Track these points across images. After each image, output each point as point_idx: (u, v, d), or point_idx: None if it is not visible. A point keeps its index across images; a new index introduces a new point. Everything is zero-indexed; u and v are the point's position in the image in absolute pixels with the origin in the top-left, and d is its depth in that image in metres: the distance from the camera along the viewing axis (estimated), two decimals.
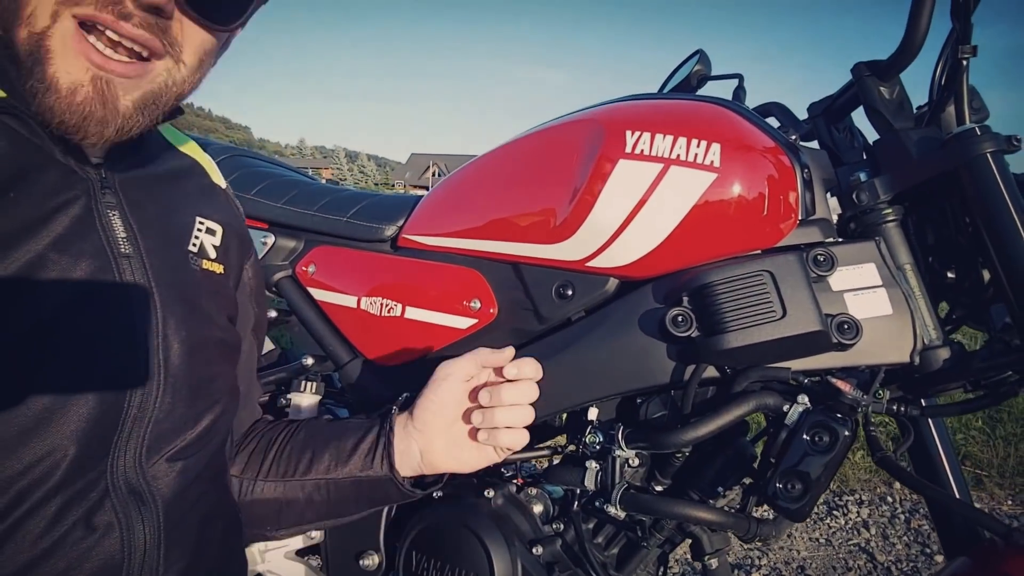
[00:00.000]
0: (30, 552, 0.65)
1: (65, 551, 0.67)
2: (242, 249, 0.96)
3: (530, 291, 1.11)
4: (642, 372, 1.01)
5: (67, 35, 0.64)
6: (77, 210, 0.72)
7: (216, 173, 0.98)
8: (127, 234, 0.75)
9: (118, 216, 0.75)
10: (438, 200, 1.27)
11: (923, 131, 1.02)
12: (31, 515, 0.66)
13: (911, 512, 2.97)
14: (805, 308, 0.93)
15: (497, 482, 1.18)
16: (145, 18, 0.66)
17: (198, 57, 0.74)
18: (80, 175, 0.73)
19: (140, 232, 0.77)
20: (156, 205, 0.81)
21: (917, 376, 0.98)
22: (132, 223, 0.76)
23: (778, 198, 1.00)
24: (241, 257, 0.96)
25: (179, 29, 0.70)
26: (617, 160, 1.02)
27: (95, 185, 0.74)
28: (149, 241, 0.77)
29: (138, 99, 0.70)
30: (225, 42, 0.79)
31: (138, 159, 0.83)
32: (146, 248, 0.77)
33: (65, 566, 0.67)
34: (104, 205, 0.74)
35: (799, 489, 0.90)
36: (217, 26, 0.73)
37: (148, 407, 0.73)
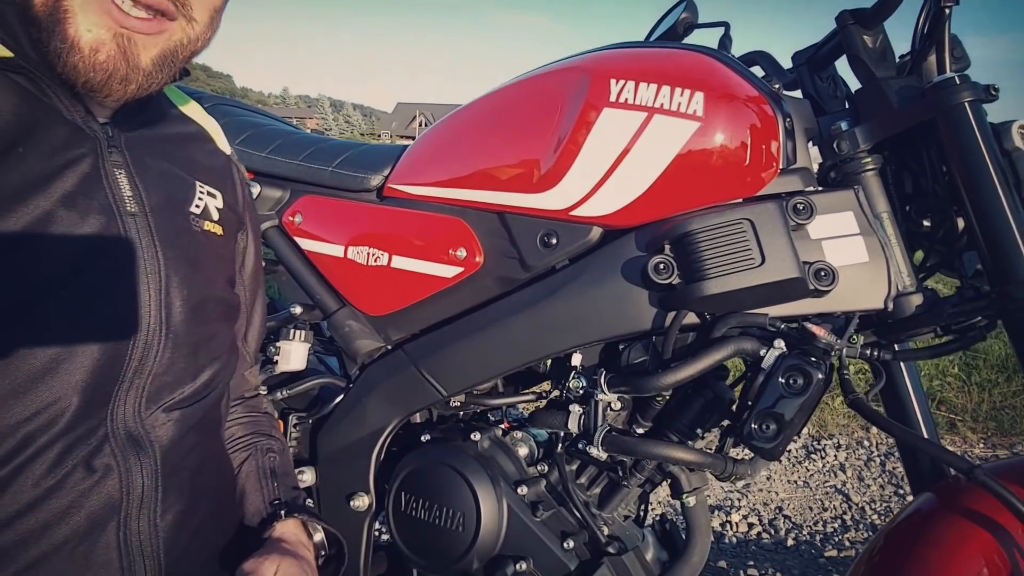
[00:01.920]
0: (34, 491, 0.68)
1: (66, 491, 0.70)
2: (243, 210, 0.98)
3: (515, 240, 1.13)
4: (624, 319, 1.04)
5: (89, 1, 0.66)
6: (85, 167, 0.73)
7: (221, 139, 0.99)
8: (132, 193, 0.76)
9: (124, 175, 0.76)
10: (424, 150, 1.27)
11: (904, 80, 1.03)
12: (35, 458, 0.68)
13: (886, 456, 3.06)
14: (783, 256, 0.95)
15: (483, 426, 1.22)
16: None
17: (208, 14, 0.76)
18: (87, 133, 0.74)
19: (145, 191, 0.78)
20: (161, 166, 0.82)
21: (890, 321, 1.01)
22: (138, 182, 0.78)
23: (760, 147, 1.01)
24: (239, 226, 0.97)
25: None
26: (601, 109, 1.03)
27: (102, 144, 0.75)
28: (154, 200, 0.79)
29: (157, 56, 0.72)
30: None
31: (144, 120, 0.83)
32: (151, 207, 0.78)
33: (67, 504, 0.70)
34: (111, 164, 0.75)
35: (773, 429, 0.93)
36: None
37: (149, 360, 0.76)
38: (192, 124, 0.95)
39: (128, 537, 0.74)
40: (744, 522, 2.52)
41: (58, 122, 0.72)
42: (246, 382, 1.05)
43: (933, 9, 1.00)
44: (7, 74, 0.70)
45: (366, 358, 1.27)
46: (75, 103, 0.74)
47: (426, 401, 1.19)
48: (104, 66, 0.68)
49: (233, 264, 0.93)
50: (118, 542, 0.73)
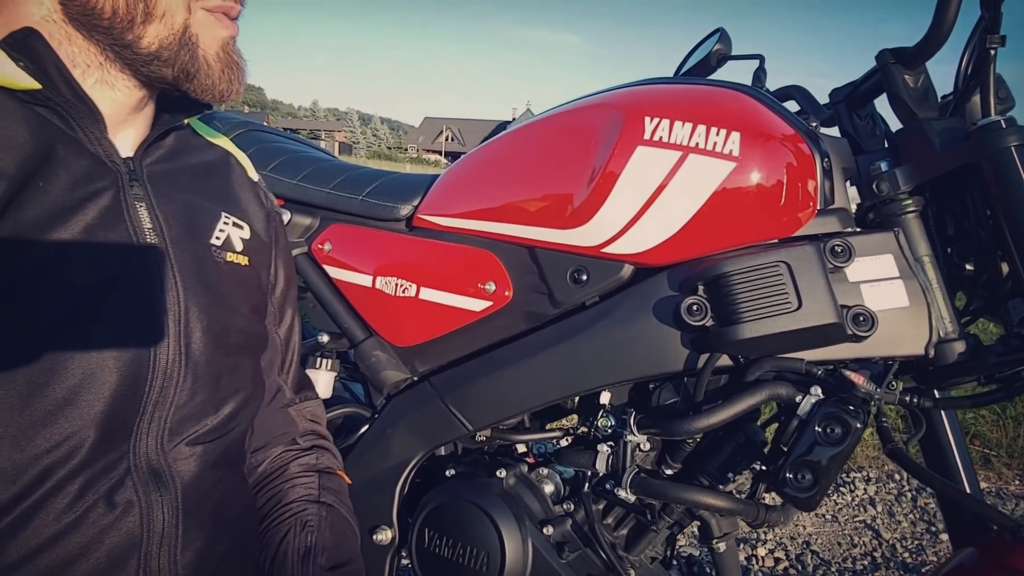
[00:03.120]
0: (55, 526, 0.68)
1: (87, 527, 0.70)
2: (270, 240, 0.97)
3: (545, 275, 1.12)
4: (655, 359, 1.02)
5: (206, 21, 0.75)
6: (106, 200, 0.73)
7: (250, 167, 0.99)
8: (152, 225, 0.77)
9: (145, 208, 0.77)
10: (454, 181, 1.27)
11: (947, 121, 1.00)
12: (56, 492, 0.68)
13: (918, 490, 2.99)
14: (821, 300, 0.92)
15: (509, 462, 1.20)
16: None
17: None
18: (109, 167, 0.75)
19: (165, 223, 0.78)
20: (183, 198, 0.83)
21: (931, 368, 0.98)
22: (158, 214, 0.78)
23: (796, 187, 0.99)
24: (269, 254, 0.96)
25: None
26: (635, 146, 1.01)
27: (123, 177, 0.76)
28: (174, 232, 0.79)
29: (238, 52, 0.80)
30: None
31: (167, 152, 0.84)
32: (171, 238, 0.78)
33: (87, 541, 0.70)
34: (132, 196, 0.76)
35: (809, 480, 0.91)
36: None
37: (169, 391, 0.75)
38: (218, 151, 0.95)
39: (148, 574, 0.74)
40: (770, 556, 2.46)
41: (80, 155, 0.73)
42: (292, 423, 1.01)
43: (978, 50, 0.98)
44: (32, 107, 0.70)
45: (392, 389, 1.26)
46: (99, 136, 0.74)
47: (452, 435, 1.18)
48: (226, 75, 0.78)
49: (262, 294, 0.93)
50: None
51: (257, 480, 0.97)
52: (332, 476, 1.01)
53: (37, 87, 0.69)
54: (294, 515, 0.95)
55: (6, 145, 0.67)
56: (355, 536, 1.00)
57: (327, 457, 1.02)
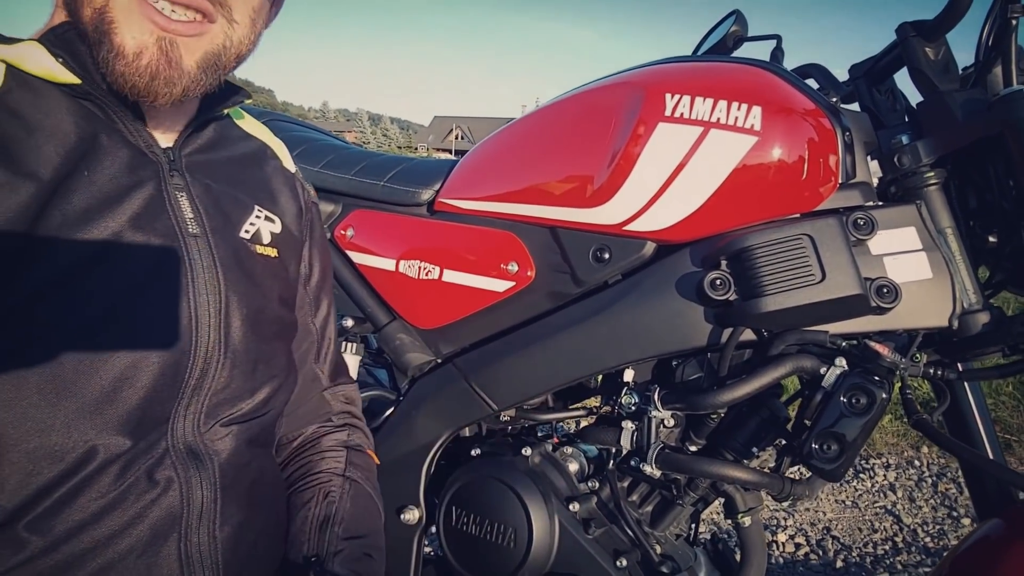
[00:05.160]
0: (99, 502, 0.70)
1: (130, 503, 0.71)
2: (302, 234, 0.97)
3: (567, 254, 1.12)
4: (679, 335, 1.03)
5: (130, 5, 0.68)
6: (149, 190, 0.75)
7: (287, 158, 1.00)
8: (194, 215, 0.78)
9: (185, 197, 0.78)
10: (474, 164, 1.28)
11: (968, 93, 1.00)
12: (101, 471, 0.70)
13: (938, 476, 2.98)
14: (844, 272, 0.93)
15: (534, 441, 1.21)
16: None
17: (249, 16, 0.77)
18: (150, 157, 0.77)
19: (206, 213, 0.80)
20: (221, 188, 0.84)
21: (955, 340, 0.98)
22: (198, 204, 0.79)
23: (818, 161, 1.00)
24: (300, 247, 0.97)
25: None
26: (656, 123, 1.02)
27: (164, 168, 0.77)
28: (214, 222, 0.80)
29: (200, 59, 0.73)
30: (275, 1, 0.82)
31: (206, 144, 0.85)
32: (211, 228, 0.80)
33: (131, 516, 0.71)
34: (172, 187, 0.77)
35: (835, 450, 0.91)
36: None
37: (208, 378, 0.77)
38: (256, 142, 0.96)
39: (188, 549, 0.75)
40: (791, 542, 2.46)
41: (123, 146, 0.74)
42: (327, 405, 1.02)
43: (999, 20, 0.98)
44: (76, 99, 0.72)
45: (416, 371, 1.27)
46: (139, 128, 0.76)
47: (477, 415, 1.19)
48: (147, 69, 0.69)
49: (290, 286, 0.94)
50: (179, 553, 0.74)
51: (289, 454, 0.99)
52: (361, 454, 1.02)
53: (77, 82, 0.71)
54: (319, 484, 0.96)
55: (51, 135, 0.69)
56: (378, 513, 1.01)
57: (358, 435, 1.04)
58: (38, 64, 0.70)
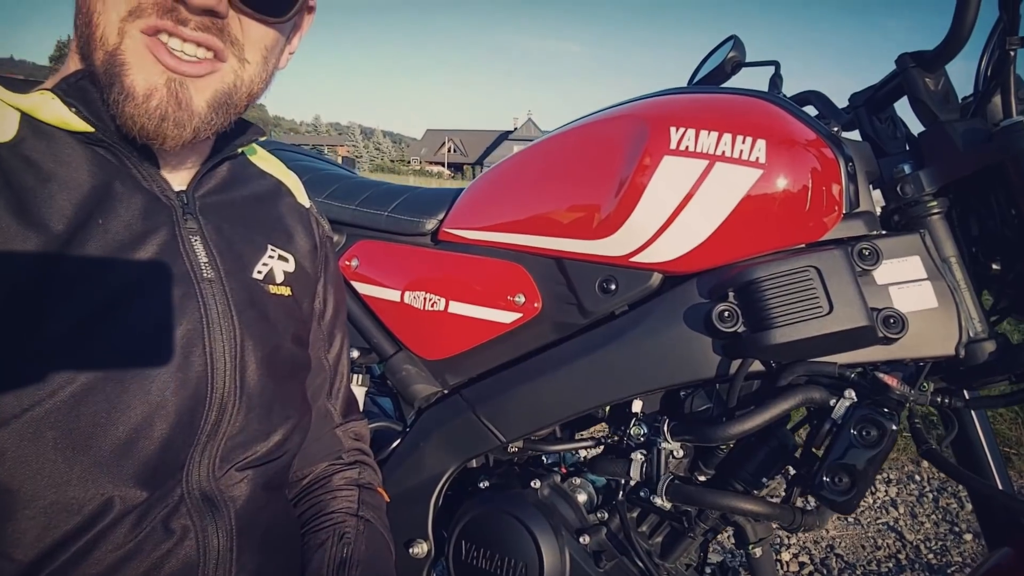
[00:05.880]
0: (115, 554, 0.69)
1: (146, 554, 0.71)
2: (316, 270, 0.97)
3: (574, 286, 1.13)
4: (687, 366, 1.03)
5: (138, 46, 0.68)
6: (163, 235, 0.74)
7: (301, 193, 1.00)
8: (208, 259, 0.78)
9: (199, 241, 0.78)
10: (479, 194, 1.28)
11: (969, 123, 1.01)
12: (117, 522, 0.69)
13: (939, 491, 2.98)
14: (851, 303, 0.93)
15: (542, 472, 1.21)
16: (202, 21, 0.69)
17: (261, 54, 0.76)
18: (164, 202, 0.76)
19: (220, 256, 0.79)
20: (234, 230, 0.83)
21: (962, 368, 0.98)
22: (212, 247, 0.79)
23: (822, 192, 1.00)
24: (314, 283, 0.96)
25: (237, 27, 0.72)
26: (662, 156, 1.03)
27: (177, 212, 0.77)
28: (228, 265, 0.80)
29: (210, 99, 0.72)
30: (288, 37, 0.82)
31: (219, 184, 0.85)
32: (225, 271, 0.79)
33: (147, 567, 0.71)
34: (186, 231, 0.77)
35: (846, 482, 0.91)
36: (271, 18, 0.74)
37: (223, 423, 0.77)
38: (269, 180, 0.96)
39: None
40: (795, 561, 2.46)
41: (136, 192, 0.74)
42: (338, 442, 1.02)
43: (998, 51, 0.99)
44: (90, 146, 0.72)
45: (423, 403, 1.27)
46: (152, 173, 0.76)
47: (484, 447, 1.19)
48: (156, 111, 0.69)
49: (303, 324, 0.93)
50: None
51: (300, 491, 0.98)
52: (372, 492, 1.02)
53: (90, 130, 0.71)
54: (333, 525, 0.95)
55: (65, 184, 0.69)
56: (390, 554, 1.00)
57: (368, 473, 1.03)
58: (52, 113, 0.70)
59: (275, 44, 0.78)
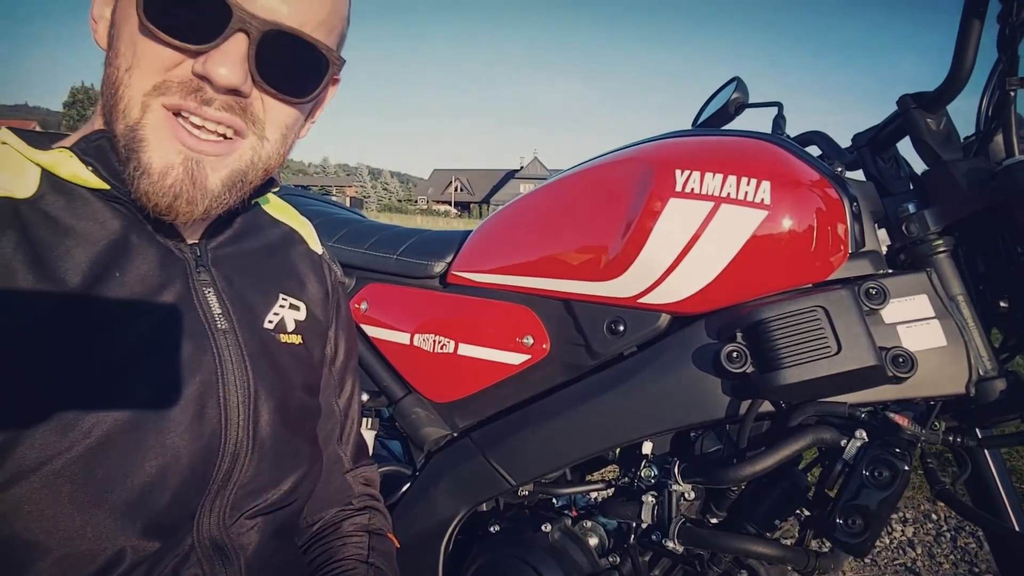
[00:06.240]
0: None
1: None
2: (328, 317, 0.97)
3: (582, 327, 1.13)
4: (697, 407, 1.03)
5: (159, 122, 0.68)
6: (177, 288, 0.75)
7: (314, 239, 1.01)
8: (222, 310, 0.79)
9: (213, 293, 0.79)
10: (486, 237, 1.30)
11: (972, 162, 1.02)
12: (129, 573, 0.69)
13: (956, 530, 2.92)
14: (860, 343, 0.94)
15: (552, 516, 1.20)
16: (226, 100, 0.69)
17: (281, 131, 0.76)
18: (177, 255, 0.77)
19: (232, 307, 0.80)
20: (244, 280, 0.84)
21: (973, 407, 0.98)
22: (225, 299, 0.80)
23: (827, 232, 1.01)
24: (325, 330, 0.97)
25: (260, 106, 0.73)
26: (668, 198, 1.04)
27: (191, 264, 0.78)
28: (240, 315, 0.81)
29: (226, 177, 0.73)
30: (309, 113, 0.82)
31: (231, 236, 0.86)
32: (238, 322, 0.80)
33: None
34: (199, 283, 0.78)
35: (860, 524, 0.90)
36: (295, 99, 0.75)
37: (235, 472, 0.77)
38: (282, 228, 0.97)
39: None
40: None
41: (151, 245, 0.75)
42: (348, 488, 1.01)
43: (998, 92, 1.01)
44: (106, 201, 0.73)
45: (432, 446, 1.27)
46: (166, 227, 0.77)
47: (495, 491, 1.18)
48: (171, 189, 0.69)
49: (314, 371, 0.94)
50: None
51: (310, 538, 0.98)
52: (382, 538, 1.01)
53: (106, 187, 0.72)
54: (343, 572, 0.94)
55: (82, 238, 0.70)
56: None
57: (379, 519, 1.03)
58: (70, 170, 0.71)
59: (296, 121, 0.78)
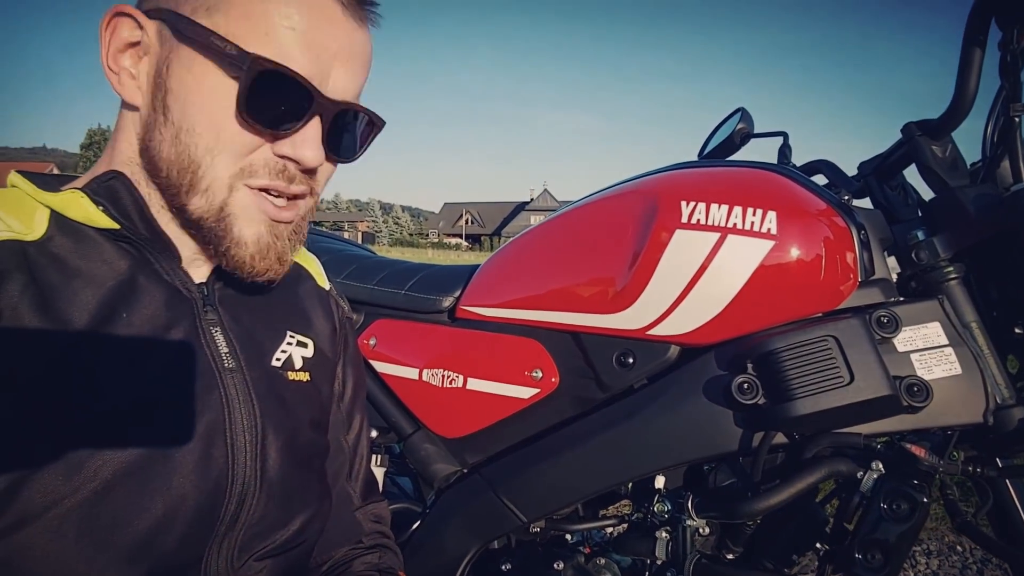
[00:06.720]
0: None
1: None
2: (335, 353, 0.98)
3: (591, 360, 1.12)
4: (709, 440, 1.01)
5: (246, 200, 0.74)
6: (185, 327, 0.76)
7: (321, 275, 1.02)
8: (229, 349, 0.79)
9: (220, 332, 0.79)
10: (494, 271, 1.30)
11: (979, 188, 1.02)
12: None
13: (983, 562, 2.85)
14: (873, 372, 0.92)
15: (565, 553, 1.18)
16: (304, 176, 0.76)
17: (324, 185, 0.83)
18: (185, 295, 0.78)
19: (240, 345, 0.80)
20: (252, 318, 0.85)
21: (992, 436, 0.96)
22: (233, 338, 0.80)
23: (836, 260, 1.01)
24: (334, 367, 0.97)
25: (320, 171, 0.79)
26: (674, 230, 1.04)
27: (198, 304, 0.78)
28: (248, 353, 0.81)
29: (291, 231, 0.80)
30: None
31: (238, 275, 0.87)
32: (245, 360, 0.80)
33: None
34: (207, 323, 0.78)
35: (880, 559, 0.88)
36: (347, 160, 0.82)
37: (243, 513, 0.76)
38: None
39: None
40: None
41: (158, 285, 0.76)
42: (358, 526, 1.00)
43: (1003, 118, 1.01)
44: (115, 242, 0.74)
45: (443, 482, 1.26)
46: (174, 267, 0.78)
47: (506, 528, 1.16)
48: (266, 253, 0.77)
49: (322, 409, 0.93)
50: None
51: None
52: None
53: (116, 227, 0.73)
54: None
55: (90, 280, 0.71)
56: None
57: (389, 556, 1.01)
58: (80, 211, 0.72)
59: (333, 172, 0.84)
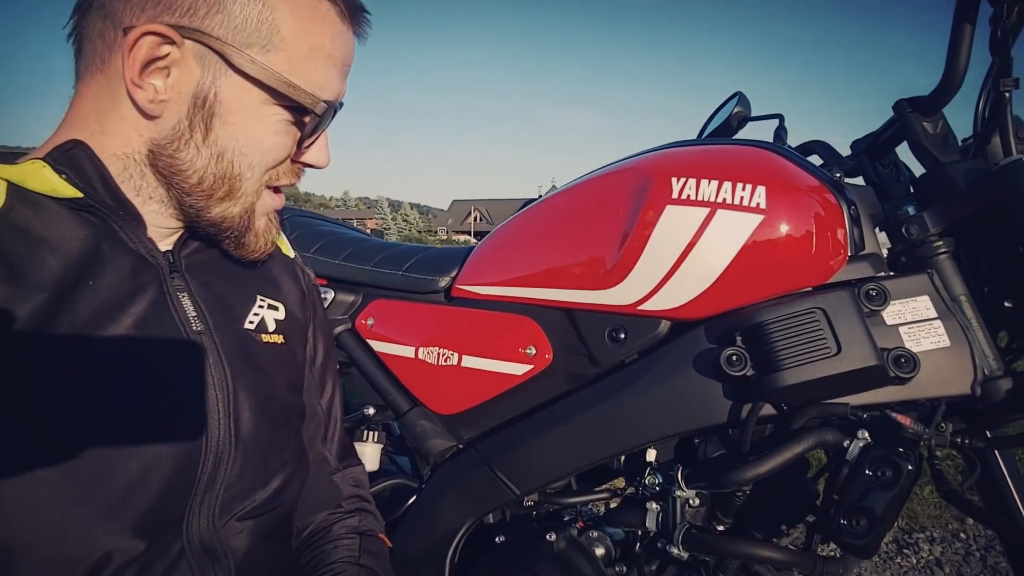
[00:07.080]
0: None
1: None
2: (306, 317, 1.00)
3: (583, 336, 1.14)
4: (699, 412, 1.03)
5: (265, 199, 0.84)
6: (151, 293, 0.77)
7: (285, 244, 1.04)
8: (196, 313, 0.80)
9: (187, 297, 0.80)
10: (489, 251, 1.31)
11: (970, 163, 1.02)
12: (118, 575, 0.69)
13: (986, 548, 2.85)
14: (860, 343, 0.93)
15: (559, 526, 1.19)
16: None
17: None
18: (150, 262, 0.79)
19: (208, 310, 0.82)
20: (221, 284, 0.86)
21: (980, 408, 0.97)
22: (200, 303, 0.82)
23: (826, 235, 1.01)
24: (305, 330, 1.00)
25: None
26: (664, 206, 1.05)
27: (164, 270, 0.80)
28: (217, 318, 0.82)
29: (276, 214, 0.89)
30: None
31: (204, 242, 0.88)
32: (214, 324, 0.81)
33: None
34: (174, 288, 0.80)
35: (864, 525, 0.89)
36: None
37: (220, 471, 0.77)
38: None
39: None
40: None
41: (124, 253, 0.76)
42: (336, 489, 1.02)
43: (993, 93, 1.01)
44: (77, 212, 0.74)
45: (438, 458, 1.28)
46: (139, 235, 0.78)
47: (500, 501, 1.18)
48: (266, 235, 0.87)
49: (297, 371, 0.95)
50: None
51: (301, 544, 0.98)
52: (373, 539, 1.01)
53: (79, 195, 0.73)
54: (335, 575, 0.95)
55: (55, 249, 0.71)
56: None
57: (369, 519, 1.03)
58: (41, 181, 0.72)
59: None
